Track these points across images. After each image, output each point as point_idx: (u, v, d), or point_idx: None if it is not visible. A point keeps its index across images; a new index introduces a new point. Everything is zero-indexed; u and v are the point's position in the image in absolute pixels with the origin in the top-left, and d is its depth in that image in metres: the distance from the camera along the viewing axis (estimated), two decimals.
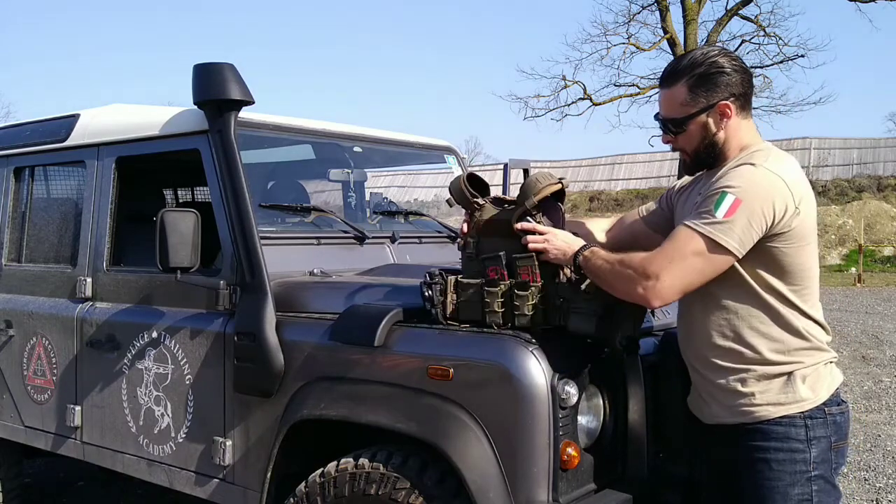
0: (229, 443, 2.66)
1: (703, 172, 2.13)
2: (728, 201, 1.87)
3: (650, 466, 2.28)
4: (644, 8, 18.67)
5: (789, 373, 1.98)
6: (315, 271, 2.83)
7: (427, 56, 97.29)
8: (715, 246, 1.88)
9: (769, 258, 1.94)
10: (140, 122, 3.10)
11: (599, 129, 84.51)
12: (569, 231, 2.19)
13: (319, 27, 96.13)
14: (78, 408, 3.19)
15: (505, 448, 2.05)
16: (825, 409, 1.99)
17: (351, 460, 2.28)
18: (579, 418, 2.17)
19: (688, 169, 2.20)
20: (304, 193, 3.48)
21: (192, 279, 2.71)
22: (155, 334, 2.88)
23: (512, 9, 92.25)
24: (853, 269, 19.21)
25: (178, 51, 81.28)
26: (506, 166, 3.57)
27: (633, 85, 19.14)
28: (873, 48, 75.35)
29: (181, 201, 4.72)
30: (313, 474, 2.36)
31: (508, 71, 79.84)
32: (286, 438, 2.45)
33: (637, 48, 19.08)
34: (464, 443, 2.08)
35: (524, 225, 2.16)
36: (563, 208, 2.28)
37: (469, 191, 2.27)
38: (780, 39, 18.36)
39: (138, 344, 2.94)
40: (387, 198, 3.90)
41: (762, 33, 18.50)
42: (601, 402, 2.26)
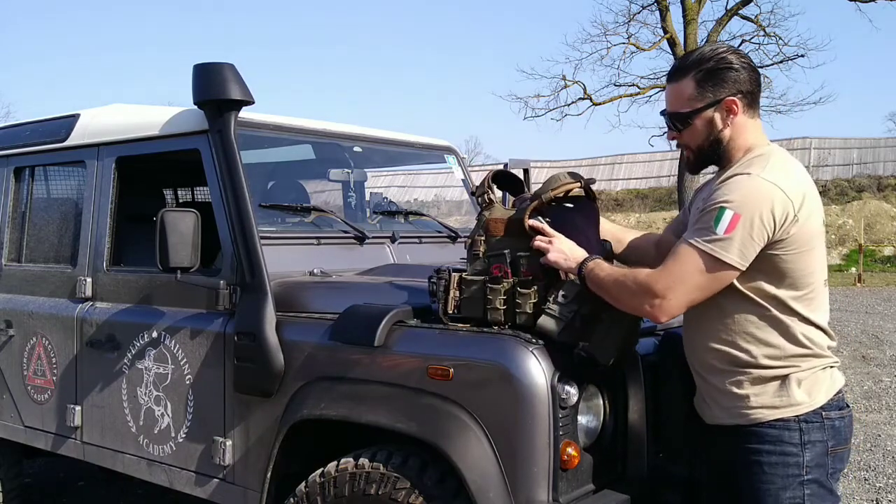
0: (229, 443, 2.66)
1: (715, 174, 2.11)
2: (727, 217, 1.88)
3: (650, 466, 2.28)
4: (644, 8, 18.61)
5: (784, 376, 1.97)
6: (315, 271, 2.83)
7: (427, 56, 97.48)
8: (717, 262, 1.89)
9: (768, 265, 1.94)
10: (140, 122, 3.10)
11: (599, 129, 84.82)
12: (602, 230, 2.25)
13: (319, 27, 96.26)
14: (78, 408, 3.19)
15: (505, 448, 2.05)
16: (822, 414, 1.97)
17: (351, 460, 2.28)
18: (579, 418, 2.17)
19: (690, 167, 2.20)
20: (304, 193, 3.48)
21: (192, 279, 2.71)
22: (155, 334, 2.88)
23: (512, 9, 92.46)
24: (853, 269, 19.23)
25: (178, 51, 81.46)
26: (506, 166, 3.56)
27: (633, 85, 19.08)
28: (873, 48, 75.58)
29: (181, 201, 4.72)
30: (313, 474, 2.36)
31: (508, 71, 79.73)
32: (286, 438, 2.45)
33: (637, 48, 19.02)
34: (464, 443, 2.08)
35: (535, 223, 2.17)
36: (598, 208, 2.31)
37: (487, 185, 2.28)
38: (780, 39, 18.29)
39: (138, 344, 2.94)
40: (387, 198, 3.90)
41: (762, 33, 18.43)
42: (601, 402, 2.26)
